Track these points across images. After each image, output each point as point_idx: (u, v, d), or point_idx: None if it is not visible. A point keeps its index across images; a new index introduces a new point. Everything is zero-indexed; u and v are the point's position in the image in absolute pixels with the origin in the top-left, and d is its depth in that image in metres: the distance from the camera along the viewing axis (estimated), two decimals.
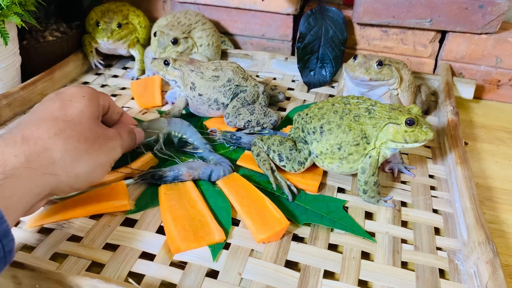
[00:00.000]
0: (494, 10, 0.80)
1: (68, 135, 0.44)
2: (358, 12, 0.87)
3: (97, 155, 0.47)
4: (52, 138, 0.43)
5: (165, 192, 0.55)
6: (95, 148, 0.46)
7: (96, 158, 0.46)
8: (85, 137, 0.46)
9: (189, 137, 0.65)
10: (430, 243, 0.52)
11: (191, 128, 0.65)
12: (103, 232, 0.50)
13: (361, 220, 0.55)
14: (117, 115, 0.58)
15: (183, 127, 0.65)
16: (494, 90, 0.89)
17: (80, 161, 0.45)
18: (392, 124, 0.54)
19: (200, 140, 0.65)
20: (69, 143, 0.44)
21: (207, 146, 0.64)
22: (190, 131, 0.65)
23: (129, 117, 0.60)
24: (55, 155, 0.42)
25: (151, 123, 0.63)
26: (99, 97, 0.52)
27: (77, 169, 0.44)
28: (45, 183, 0.42)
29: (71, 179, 0.44)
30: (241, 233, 0.51)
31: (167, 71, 0.71)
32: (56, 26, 0.91)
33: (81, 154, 0.45)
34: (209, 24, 0.88)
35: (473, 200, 0.53)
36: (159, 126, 0.63)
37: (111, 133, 0.50)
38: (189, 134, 0.65)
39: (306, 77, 0.88)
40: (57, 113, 0.46)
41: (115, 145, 0.50)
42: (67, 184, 0.44)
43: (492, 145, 0.74)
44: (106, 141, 0.48)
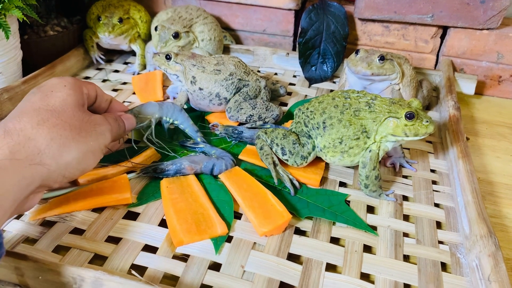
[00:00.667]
0: (496, 5, 0.80)
1: (52, 123, 0.43)
2: (359, 7, 0.87)
3: (85, 141, 0.46)
4: (35, 128, 0.42)
5: (167, 185, 0.55)
6: (82, 135, 0.46)
7: (84, 144, 0.46)
8: (70, 124, 0.45)
9: (181, 123, 0.64)
10: (432, 236, 0.52)
11: (183, 114, 0.64)
12: (105, 225, 0.50)
13: (363, 213, 0.55)
14: (106, 102, 0.56)
15: (174, 112, 0.64)
16: (495, 86, 0.89)
17: (68, 148, 0.44)
18: (392, 118, 0.54)
19: (191, 127, 0.64)
20: (54, 131, 0.43)
21: (198, 134, 0.64)
22: (182, 116, 0.64)
23: (119, 103, 0.59)
24: (40, 144, 0.42)
25: (142, 108, 0.61)
26: (82, 86, 0.51)
27: (66, 157, 0.44)
28: (33, 174, 0.41)
29: (61, 167, 0.43)
30: (244, 226, 0.51)
31: (169, 65, 0.71)
32: (57, 20, 0.91)
33: (68, 141, 0.44)
34: (210, 19, 0.88)
35: (475, 194, 0.53)
36: (150, 111, 0.62)
37: (98, 119, 0.49)
38: (181, 120, 0.64)
39: (307, 72, 0.87)
40: (39, 104, 0.45)
41: (103, 130, 0.49)
42: (58, 173, 0.43)
43: (493, 140, 0.74)
44: (93, 127, 0.48)
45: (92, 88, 0.53)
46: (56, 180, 0.44)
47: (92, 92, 0.53)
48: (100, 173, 0.56)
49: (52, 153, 0.42)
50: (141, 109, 0.61)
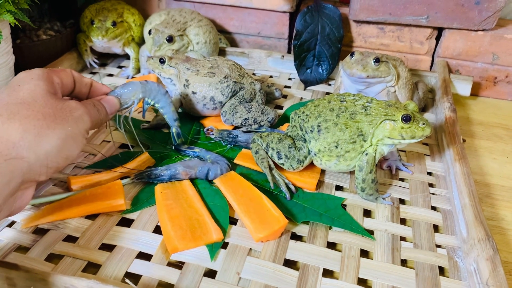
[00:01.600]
0: (491, 6, 0.80)
1: (24, 115, 0.42)
2: (354, 9, 0.86)
3: (63, 127, 0.44)
4: (6, 123, 0.41)
5: (161, 191, 0.54)
6: (58, 121, 0.44)
7: (62, 130, 0.44)
8: (43, 113, 0.43)
9: (161, 107, 0.62)
10: (429, 240, 0.52)
11: (166, 98, 0.62)
12: (99, 232, 0.49)
13: (360, 218, 0.54)
14: (86, 87, 0.54)
15: (158, 94, 0.61)
16: (490, 87, 0.89)
17: (45, 137, 0.42)
18: (389, 120, 0.54)
19: (171, 113, 0.62)
20: (27, 122, 0.42)
21: (176, 123, 0.63)
22: (164, 100, 0.61)
23: (100, 86, 0.56)
24: (13, 137, 0.40)
25: (123, 88, 0.57)
26: (52, 75, 0.49)
27: (44, 146, 0.42)
28: (12, 169, 0.40)
29: (41, 157, 0.42)
30: (239, 232, 0.51)
31: (163, 69, 0.70)
32: (50, 24, 0.90)
33: (43, 129, 0.42)
34: (205, 21, 0.87)
35: (472, 197, 0.53)
36: (132, 91, 0.58)
37: (73, 104, 0.47)
38: (162, 104, 0.62)
39: (302, 75, 0.87)
40: (7, 99, 0.43)
41: (80, 114, 0.47)
42: (40, 164, 0.42)
43: (490, 141, 0.74)
44: (69, 112, 0.45)
45: (66, 75, 0.51)
46: (40, 172, 0.42)
47: (67, 79, 0.51)
48: (93, 179, 0.56)
49: (28, 145, 0.41)
50: (123, 89, 0.57)
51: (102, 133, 0.68)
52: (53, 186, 0.56)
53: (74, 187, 0.55)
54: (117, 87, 0.58)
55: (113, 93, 0.56)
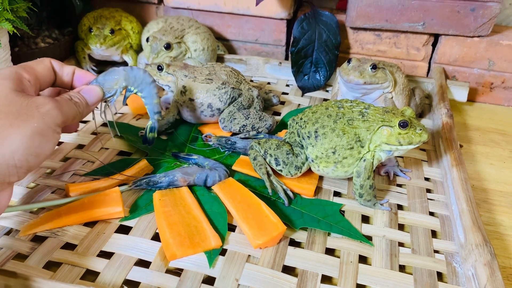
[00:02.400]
0: (486, 13, 0.81)
1: None
2: (351, 16, 0.87)
3: (27, 124, 0.42)
4: None
5: (160, 198, 0.54)
6: (22, 119, 0.42)
7: (27, 127, 0.42)
8: (6, 112, 0.42)
9: (144, 97, 0.58)
10: (427, 246, 0.52)
11: (151, 88, 0.58)
12: (97, 239, 0.49)
13: (358, 223, 0.54)
14: (68, 76, 0.53)
15: (143, 82, 0.57)
16: (487, 93, 0.89)
17: (8, 136, 0.41)
18: (386, 126, 0.54)
19: (153, 105, 0.59)
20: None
21: (156, 116, 0.60)
22: (148, 90, 0.58)
23: (82, 74, 0.54)
24: None
25: (106, 75, 0.54)
26: (22, 72, 0.47)
27: (8, 145, 0.41)
28: None
29: (7, 157, 0.40)
30: (238, 239, 0.51)
31: (161, 76, 0.70)
32: (49, 32, 0.90)
33: (5, 128, 0.41)
34: (203, 28, 0.88)
35: (469, 202, 0.53)
36: (115, 78, 0.55)
37: (40, 99, 0.45)
38: (145, 94, 0.58)
39: (300, 81, 0.87)
40: None
41: (49, 109, 0.45)
42: (7, 165, 0.41)
43: (487, 147, 0.74)
44: (36, 108, 0.44)
45: (43, 68, 0.50)
46: (9, 173, 0.41)
47: (43, 72, 0.50)
48: (91, 186, 0.56)
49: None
50: (106, 77, 0.54)
51: (102, 140, 0.68)
52: (51, 194, 0.56)
53: (72, 194, 0.55)
54: (100, 75, 0.55)
55: (95, 82, 0.53)
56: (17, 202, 0.55)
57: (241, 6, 0.92)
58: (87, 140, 0.68)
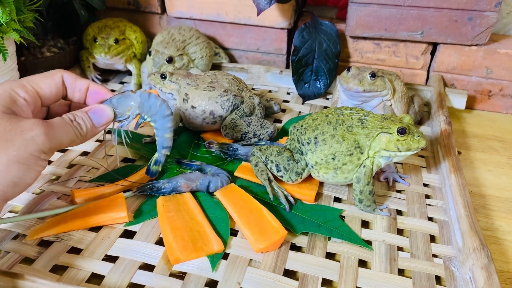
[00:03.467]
0: (483, 22, 0.82)
1: None
2: (350, 25, 0.89)
3: (6, 151, 0.40)
4: None
5: (163, 203, 0.55)
6: (1, 146, 0.40)
7: (3, 155, 0.40)
8: None
9: (156, 128, 0.56)
10: (426, 250, 0.53)
11: (166, 122, 0.55)
12: (102, 244, 0.51)
13: (358, 228, 0.55)
14: (80, 92, 0.50)
15: (157, 114, 0.54)
16: (485, 100, 0.90)
17: None
18: (385, 133, 0.55)
19: (163, 138, 0.56)
20: None
21: (163, 152, 0.57)
22: (161, 123, 0.55)
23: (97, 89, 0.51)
24: None
25: (121, 98, 0.52)
26: (18, 91, 0.45)
27: None
28: None
29: None
30: (240, 243, 0.52)
31: (164, 84, 0.72)
32: (54, 42, 0.92)
33: None
34: (202, 38, 0.90)
35: (467, 207, 0.54)
36: (128, 105, 0.52)
37: (28, 124, 0.42)
38: (158, 126, 0.56)
39: (301, 89, 0.89)
40: None
41: (34, 135, 0.42)
42: None
43: (485, 154, 0.75)
44: (20, 134, 0.41)
45: (49, 84, 0.48)
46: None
47: (47, 89, 0.47)
48: (96, 192, 0.57)
49: None
50: (120, 100, 0.52)
51: (106, 147, 0.69)
52: (57, 200, 0.57)
53: (78, 200, 0.56)
54: (115, 95, 0.52)
55: (109, 102, 0.51)
56: (23, 208, 0.56)
57: (242, 16, 0.94)
58: (92, 148, 0.69)
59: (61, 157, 0.67)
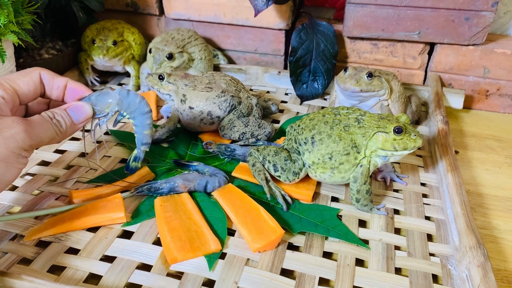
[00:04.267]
0: (480, 22, 0.83)
1: None
2: (348, 26, 0.89)
3: None
4: None
5: (161, 204, 0.55)
6: None
7: None
8: None
9: (135, 125, 0.57)
10: (423, 249, 0.53)
11: (145, 119, 0.56)
12: (100, 244, 0.51)
13: (355, 228, 0.55)
14: (58, 90, 0.50)
15: (136, 111, 0.55)
16: (483, 100, 0.91)
17: None
18: (381, 132, 0.55)
19: (142, 135, 0.57)
20: None
21: (142, 148, 0.58)
22: (140, 120, 0.56)
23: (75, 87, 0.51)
24: None
25: (100, 95, 0.52)
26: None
27: None
28: None
29: None
30: (237, 243, 0.52)
31: (162, 85, 0.72)
32: (52, 44, 0.92)
33: None
34: (200, 40, 0.90)
35: (463, 206, 0.54)
36: (107, 102, 0.53)
37: (7, 121, 0.43)
38: (136, 122, 0.56)
39: (298, 90, 0.89)
40: None
41: (14, 133, 0.42)
42: None
43: (482, 153, 0.76)
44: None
45: (26, 82, 0.48)
46: None
47: (25, 87, 0.47)
48: (94, 193, 0.57)
49: None
50: (99, 97, 0.52)
51: (103, 148, 0.70)
52: (55, 200, 0.58)
53: (75, 200, 0.56)
54: (94, 92, 0.53)
55: (87, 99, 0.51)
56: (21, 208, 0.56)
57: (240, 17, 0.94)
58: (90, 149, 0.70)
59: (59, 159, 0.67)
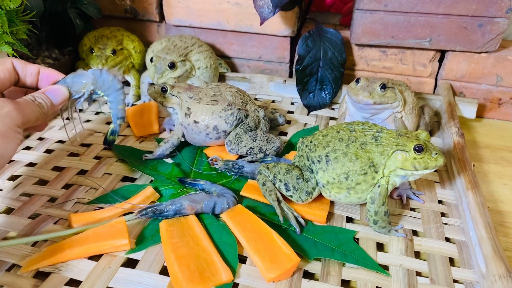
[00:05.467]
0: (494, 29, 0.80)
1: None
2: (356, 33, 0.86)
3: None
4: None
5: (167, 228, 0.52)
6: None
7: None
8: None
9: (109, 101, 0.60)
10: (446, 275, 0.50)
11: (118, 95, 0.60)
12: (103, 274, 0.47)
13: (373, 252, 0.52)
14: (31, 76, 0.53)
15: (110, 88, 0.59)
16: (495, 109, 0.88)
17: None
18: (400, 151, 0.52)
19: (117, 110, 0.61)
20: None
21: (118, 122, 0.62)
22: (114, 96, 0.59)
23: (48, 74, 0.54)
24: None
25: (74, 77, 0.56)
26: None
27: None
28: None
29: None
30: (249, 272, 0.49)
31: (165, 98, 0.69)
32: (48, 52, 0.89)
33: None
34: (205, 47, 0.86)
35: (488, 229, 0.51)
36: (83, 82, 0.56)
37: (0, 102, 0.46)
38: (111, 99, 0.60)
39: (305, 99, 0.86)
40: None
41: (8, 111, 0.45)
42: None
43: (499, 166, 0.73)
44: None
45: (2, 70, 0.50)
46: None
47: (1, 75, 0.50)
48: (95, 216, 0.54)
49: None
50: (74, 79, 0.55)
51: (104, 165, 0.66)
52: (53, 225, 0.54)
53: (75, 225, 0.53)
54: (68, 75, 0.55)
55: (63, 82, 0.54)
56: (17, 234, 0.52)
57: (244, 24, 0.91)
58: (90, 166, 0.66)
59: (57, 177, 0.63)
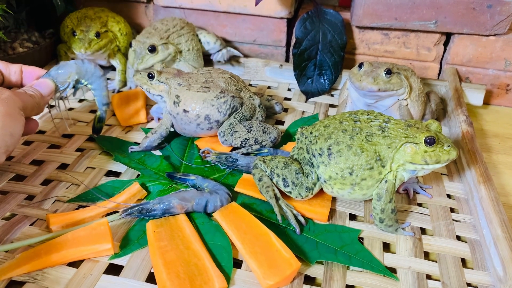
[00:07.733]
0: (504, 10, 0.75)
1: None
2: (357, 14, 0.80)
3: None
4: None
5: (154, 230, 0.47)
6: None
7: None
8: None
9: (94, 89, 0.62)
10: (458, 278, 0.46)
11: (101, 81, 0.62)
12: (84, 283, 0.43)
13: (379, 253, 0.48)
14: (15, 75, 0.55)
15: (93, 76, 0.61)
16: (502, 95, 0.83)
17: None
18: (410, 143, 0.48)
19: (102, 97, 0.63)
20: None
21: (104, 108, 0.64)
22: (98, 83, 0.62)
23: (31, 71, 0.56)
24: None
25: (58, 69, 0.57)
26: None
27: None
28: None
29: None
30: (245, 277, 0.44)
31: (152, 85, 0.63)
32: (28, 35, 0.83)
33: None
34: (187, 29, 0.81)
35: (504, 228, 0.47)
36: (67, 72, 0.58)
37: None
38: (95, 86, 0.62)
39: (303, 85, 0.81)
40: None
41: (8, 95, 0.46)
42: None
43: (509, 156, 0.69)
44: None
45: None
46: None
47: None
48: (75, 217, 0.49)
49: None
50: (58, 71, 0.57)
51: (86, 158, 0.61)
52: (30, 226, 0.49)
53: (53, 227, 0.48)
54: (51, 69, 0.57)
55: (47, 76, 0.56)
56: None
57: (237, 5, 0.85)
58: (71, 159, 0.61)
59: (35, 172, 0.58)
